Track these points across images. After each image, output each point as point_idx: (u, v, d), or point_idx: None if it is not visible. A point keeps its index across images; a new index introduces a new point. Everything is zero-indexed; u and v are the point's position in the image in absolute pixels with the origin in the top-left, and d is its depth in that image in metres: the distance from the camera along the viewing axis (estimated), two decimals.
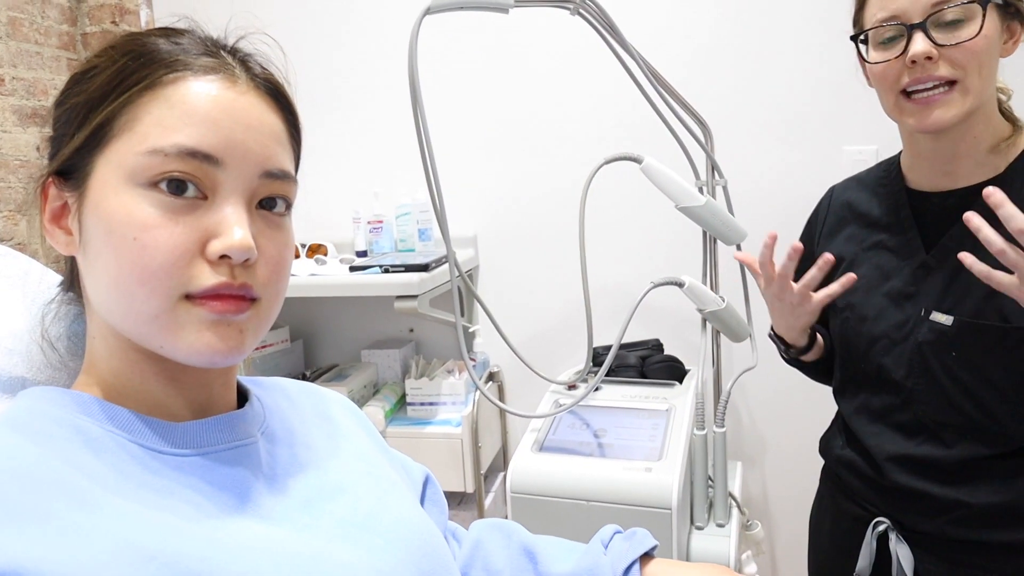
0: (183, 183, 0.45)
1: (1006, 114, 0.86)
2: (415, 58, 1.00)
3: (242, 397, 0.58)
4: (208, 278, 0.45)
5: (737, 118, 1.63)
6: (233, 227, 0.46)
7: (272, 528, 0.48)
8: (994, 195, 0.68)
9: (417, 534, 0.55)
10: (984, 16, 0.76)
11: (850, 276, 0.87)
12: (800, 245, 0.88)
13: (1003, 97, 0.87)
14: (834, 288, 0.89)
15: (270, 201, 0.50)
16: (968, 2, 0.76)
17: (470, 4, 1.05)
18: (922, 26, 0.78)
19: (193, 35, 0.50)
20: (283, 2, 1.93)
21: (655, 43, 1.57)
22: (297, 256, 1.89)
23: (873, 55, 0.84)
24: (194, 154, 0.45)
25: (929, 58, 0.78)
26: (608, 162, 1.20)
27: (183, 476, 0.47)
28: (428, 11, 1.02)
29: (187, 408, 0.51)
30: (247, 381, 0.61)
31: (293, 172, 0.53)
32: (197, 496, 0.46)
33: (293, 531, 0.49)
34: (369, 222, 1.81)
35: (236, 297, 0.47)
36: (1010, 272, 0.71)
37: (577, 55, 1.70)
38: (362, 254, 1.83)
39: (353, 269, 1.62)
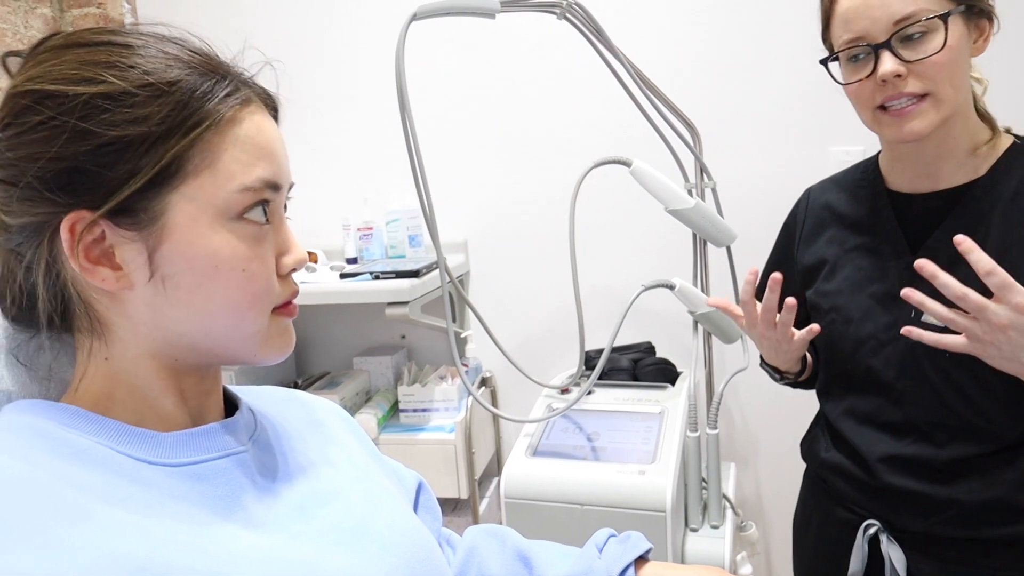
0: (263, 212, 0.51)
1: (982, 115, 0.86)
2: (402, 64, 1.00)
3: (232, 406, 0.58)
4: (286, 291, 0.54)
5: (725, 120, 1.64)
6: (295, 243, 0.54)
7: (264, 536, 0.48)
8: (963, 243, 0.69)
9: (410, 540, 0.55)
10: (947, 29, 0.77)
11: (814, 328, 0.90)
12: (779, 276, 0.87)
13: (978, 89, 0.87)
14: (815, 328, 0.90)
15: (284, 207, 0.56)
16: (928, 18, 0.77)
17: (457, 9, 1.05)
18: (887, 45, 0.79)
19: (201, 55, 0.51)
20: (269, 10, 1.92)
21: (642, 46, 1.58)
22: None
23: (845, 75, 0.86)
24: (272, 186, 0.51)
25: (899, 76, 0.79)
26: (597, 165, 1.21)
27: (173, 486, 0.47)
28: (415, 17, 1.02)
29: (185, 416, 0.52)
30: (237, 390, 0.61)
31: None
32: (187, 506, 0.46)
33: (286, 538, 0.49)
34: (359, 229, 1.81)
35: (293, 305, 0.55)
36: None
37: (565, 59, 1.71)
38: (352, 261, 1.82)
39: (343, 276, 1.61)
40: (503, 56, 1.77)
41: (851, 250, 0.94)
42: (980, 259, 0.69)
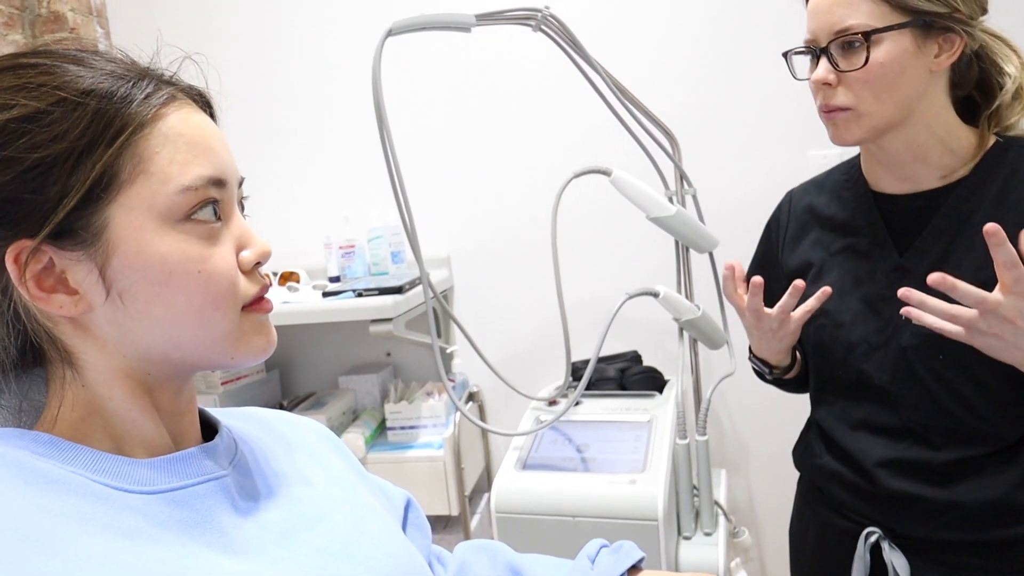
0: (213, 210, 0.49)
1: (981, 120, 0.86)
2: (379, 80, 1.00)
3: (212, 429, 0.57)
4: (252, 286, 0.51)
5: (703, 127, 1.65)
6: (255, 236, 0.52)
7: (247, 563, 0.47)
8: (996, 234, 0.69)
9: (397, 560, 0.54)
10: (868, 48, 0.78)
11: (825, 290, 0.88)
12: (760, 280, 0.89)
13: (1006, 81, 0.84)
14: (811, 304, 0.90)
15: (240, 205, 0.54)
16: (857, 33, 0.78)
17: (432, 24, 1.05)
18: (826, 51, 0.82)
19: (115, 60, 0.50)
20: (244, 31, 1.92)
21: (619, 56, 1.59)
22: (269, 284, 1.86)
23: (801, 73, 0.90)
24: (215, 182, 0.49)
25: (828, 84, 0.82)
26: (577, 176, 1.21)
27: (151, 514, 0.45)
28: (390, 33, 1.02)
29: (162, 439, 0.51)
30: (217, 412, 0.59)
31: None
32: (166, 533, 0.45)
33: (269, 564, 0.48)
34: (341, 247, 1.80)
35: (267, 300, 0.53)
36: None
37: (542, 71, 1.72)
38: (335, 279, 1.81)
39: (326, 295, 1.60)
40: (480, 70, 1.77)
41: (837, 253, 0.94)
42: (966, 292, 0.70)
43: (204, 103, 0.53)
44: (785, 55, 0.91)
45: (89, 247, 0.46)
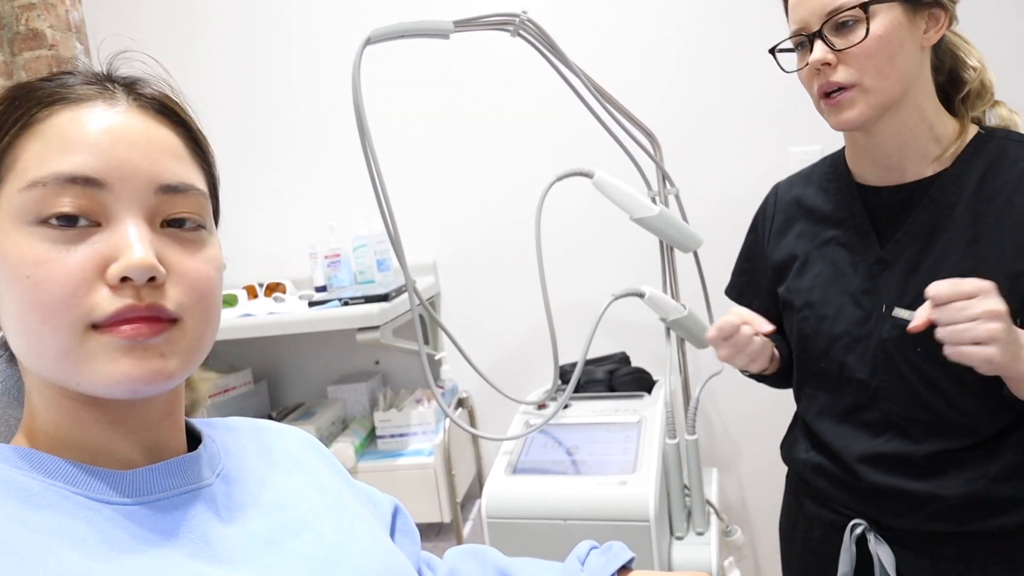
0: (71, 216, 0.44)
1: (956, 106, 0.87)
2: (359, 88, 1.00)
3: (196, 440, 0.56)
4: (110, 303, 0.43)
5: (684, 127, 1.66)
6: (132, 246, 0.44)
7: (233, 572, 0.46)
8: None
9: (385, 567, 0.54)
10: (868, 20, 0.79)
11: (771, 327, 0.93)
12: (771, 328, 0.93)
13: (969, 75, 0.87)
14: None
15: (178, 220, 0.48)
16: (853, 7, 0.79)
17: (410, 32, 1.06)
18: (819, 34, 0.82)
19: (76, 73, 0.49)
20: (225, 40, 1.91)
21: (598, 59, 1.60)
22: (255, 296, 1.85)
23: (791, 65, 0.89)
24: (74, 180, 0.44)
25: (828, 64, 0.82)
26: (560, 179, 1.21)
27: (133, 526, 0.45)
28: (369, 41, 1.03)
29: (137, 453, 0.49)
30: (200, 423, 0.59)
31: (199, 185, 0.50)
32: (150, 547, 0.44)
33: (255, 572, 0.47)
34: (326, 256, 1.79)
35: (147, 319, 0.44)
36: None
37: (522, 76, 1.72)
38: (321, 289, 1.80)
39: (312, 304, 1.59)
40: (461, 76, 1.78)
41: (822, 244, 0.94)
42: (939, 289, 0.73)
43: (158, 107, 0.50)
44: (772, 51, 0.91)
45: None
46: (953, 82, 0.88)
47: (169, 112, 0.50)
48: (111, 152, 0.45)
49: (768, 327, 0.93)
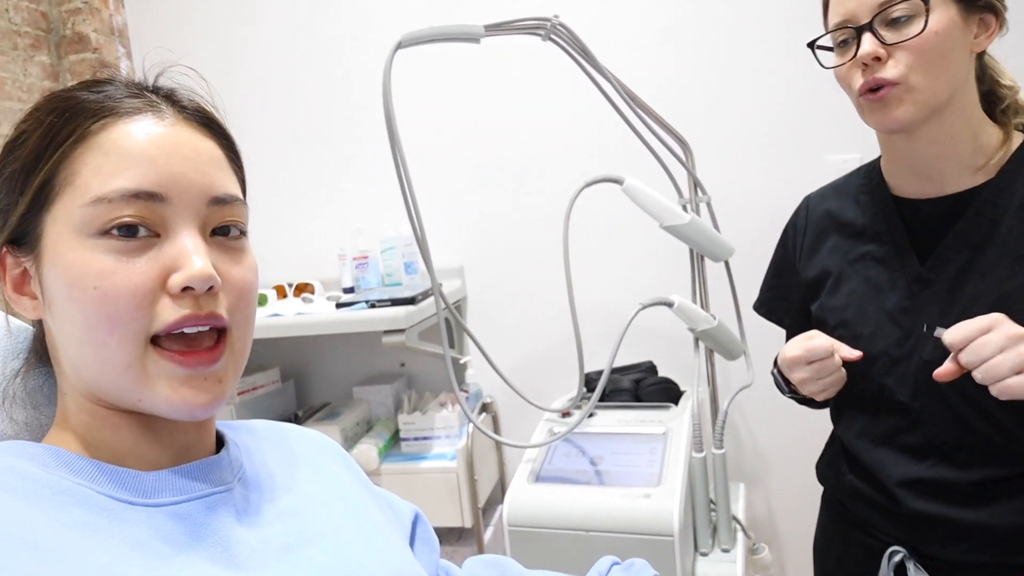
0: (133, 227, 0.45)
1: (998, 115, 0.84)
2: (389, 92, 1.00)
3: (218, 442, 0.56)
4: (171, 312, 0.45)
5: (717, 133, 1.63)
6: (192, 257, 0.46)
7: None
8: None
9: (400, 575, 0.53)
10: (927, 13, 0.75)
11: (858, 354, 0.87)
12: (858, 354, 0.87)
13: (1006, 93, 0.84)
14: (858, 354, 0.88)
15: (224, 228, 0.50)
16: (912, 1, 0.75)
17: (441, 36, 1.05)
18: (869, 27, 0.78)
19: (116, 82, 0.50)
20: (261, 44, 1.94)
21: (630, 63, 1.58)
22: (284, 296, 1.87)
23: (832, 60, 0.85)
24: (138, 195, 0.45)
25: (877, 58, 0.78)
26: (589, 184, 1.20)
27: (155, 526, 0.45)
28: (400, 45, 1.03)
29: (165, 455, 0.50)
30: (222, 426, 0.59)
31: (240, 195, 0.52)
32: (169, 547, 0.45)
33: None
34: (354, 258, 1.80)
35: (206, 351, 0.47)
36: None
37: (553, 80, 1.71)
38: (349, 291, 1.81)
39: (340, 306, 1.60)
40: (492, 80, 1.77)
41: (856, 260, 0.90)
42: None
43: (201, 119, 0.52)
44: (811, 45, 0.88)
45: (31, 254, 0.48)
46: (992, 93, 0.85)
47: (210, 123, 0.52)
48: (168, 167, 0.47)
49: (854, 354, 0.87)
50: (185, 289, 0.45)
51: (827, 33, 0.84)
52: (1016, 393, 0.69)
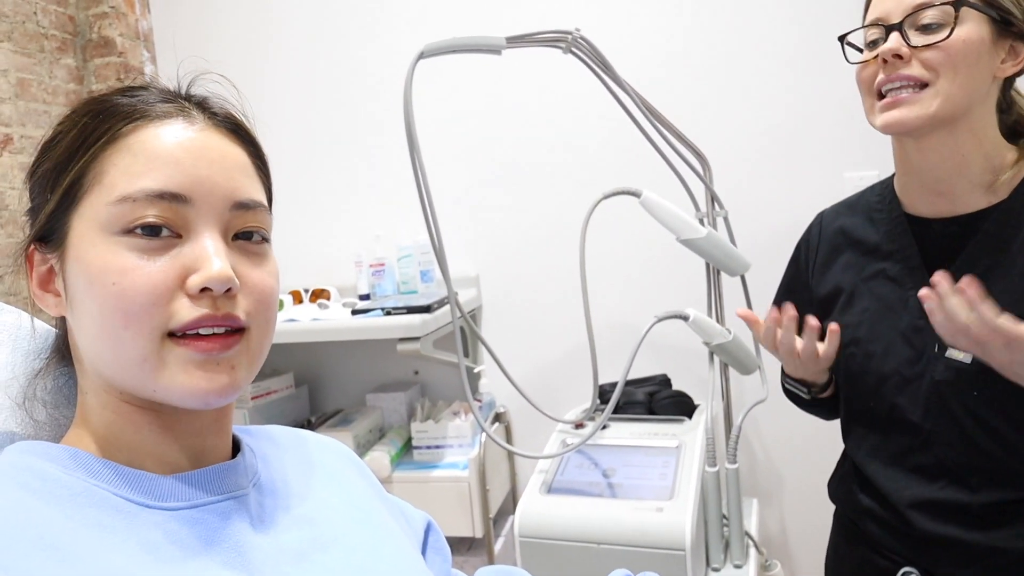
0: (155, 226, 0.46)
1: (1013, 135, 0.84)
2: (410, 102, 1.01)
3: (236, 447, 0.57)
4: (188, 312, 0.46)
5: (735, 148, 1.63)
6: (211, 258, 0.46)
7: None
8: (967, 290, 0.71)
9: None
10: (956, 19, 0.76)
11: (833, 328, 0.88)
12: (794, 313, 0.88)
13: None
14: (834, 328, 0.89)
15: (246, 233, 0.51)
16: (942, 3, 0.76)
17: (463, 47, 1.06)
18: (899, 26, 0.79)
19: (151, 88, 0.52)
20: (284, 51, 1.97)
21: (649, 76, 1.59)
22: (300, 301, 1.89)
23: (857, 57, 0.86)
24: (162, 196, 0.46)
25: (900, 57, 0.78)
26: (606, 197, 1.20)
27: (170, 531, 0.46)
28: (422, 55, 1.04)
29: (182, 457, 0.50)
30: (240, 431, 0.60)
31: (264, 201, 0.53)
32: (183, 550, 0.45)
33: None
34: (371, 265, 1.81)
35: (222, 336, 0.47)
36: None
37: (573, 92, 1.72)
38: (365, 297, 1.82)
39: (355, 312, 1.61)
40: (512, 90, 1.78)
41: (869, 278, 0.90)
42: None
43: (231, 126, 0.53)
44: (841, 39, 0.88)
45: (56, 251, 0.49)
46: (1019, 124, 0.85)
47: (239, 130, 0.53)
48: (194, 170, 0.48)
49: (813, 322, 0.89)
50: (203, 290, 0.46)
51: (860, 28, 0.85)
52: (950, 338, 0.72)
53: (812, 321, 0.87)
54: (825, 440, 1.13)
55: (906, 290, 0.86)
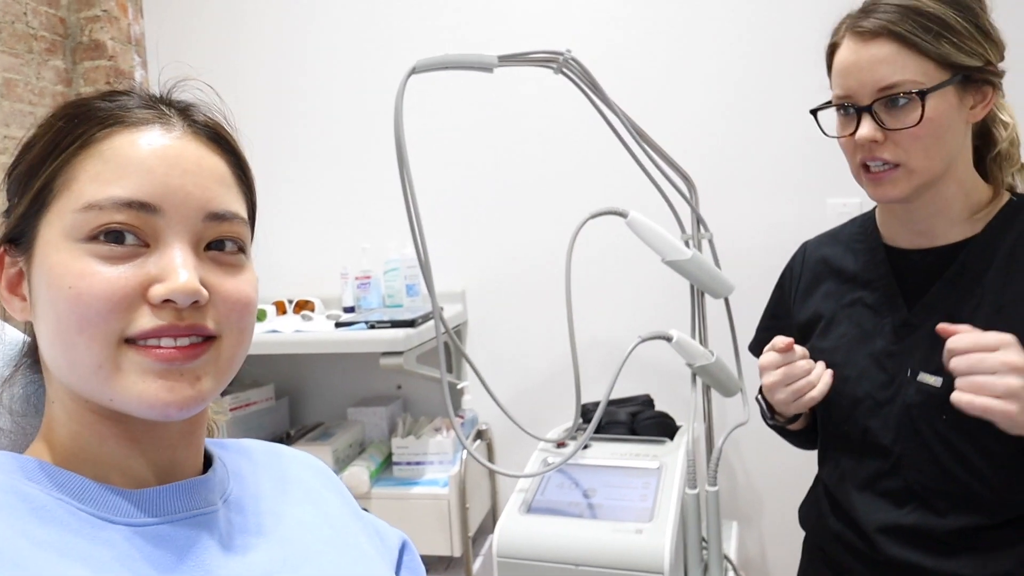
0: (120, 233, 0.45)
1: (988, 165, 0.86)
2: (400, 116, 1.01)
3: (207, 461, 0.56)
4: (148, 321, 0.44)
5: (721, 172, 1.65)
6: (178, 270, 0.45)
7: None
8: (946, 331, 0.74)
9: None
10: (923, 106, 0.77)
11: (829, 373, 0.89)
12: (791, 341, 0.89)
13: (1001, 134, 0.85)
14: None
15: (219, 243, 0.49)
16: (908, 92, 0.77)
17: (456, 64, 1.07)
18: (868, 109, 0.80)
19: (133, 94, 0.51)
20: (272, 62, 1.97)
21: (638, 98, 1.60)
22: (283, 312, 1.87)
23: (837, 126, 0.87)
24: (130, 204, 0.45)
25: (875, 141, 0.80)
26: (593, 216, 1.21)
27: (136, 545, 0.44)
28: (414, 71, 1.04)
29: (149, 471, 0.49)
30: (213, 444, 0.58)
31: (242, 213, 0.51)
32: (149, 568, 0.44)
33: None
34: (357, 278, 1.80)
35: (187, 346, 0.45)
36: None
37: (562, 112, 1.73)
38: (350, 310, 1.81)
39: (339, 325, 1.60)
40: (501, 109, 1.79)
41: (847, 305, 0.93)
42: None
43: (211, 134, 0.51)
44: (813, 112, 0.90)
45: (23, 255, 0.48)
46: (984, 139, 0.87)
47: (220, 140, 0.52)
48: (166, 179, 0.46)
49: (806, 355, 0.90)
50: (166, 301, 0.44)
51: (828, 105, 0.87)
52: (987, 414, 0.70)
53: (777, 344, 0.89)
54: (805, 465, 1.14)
55: (882, 317, 0.89)
